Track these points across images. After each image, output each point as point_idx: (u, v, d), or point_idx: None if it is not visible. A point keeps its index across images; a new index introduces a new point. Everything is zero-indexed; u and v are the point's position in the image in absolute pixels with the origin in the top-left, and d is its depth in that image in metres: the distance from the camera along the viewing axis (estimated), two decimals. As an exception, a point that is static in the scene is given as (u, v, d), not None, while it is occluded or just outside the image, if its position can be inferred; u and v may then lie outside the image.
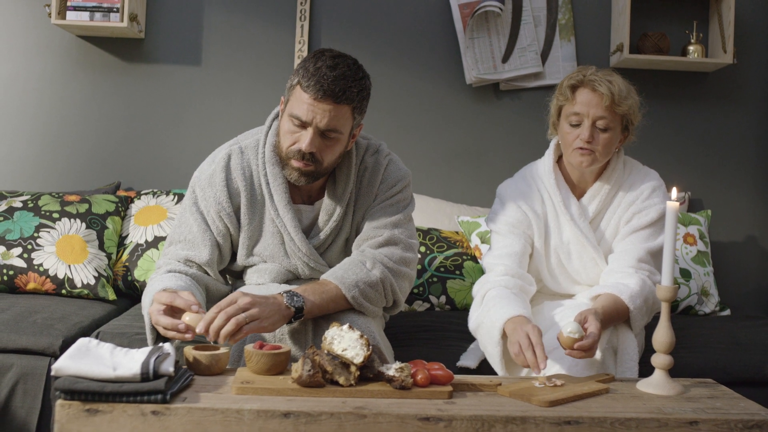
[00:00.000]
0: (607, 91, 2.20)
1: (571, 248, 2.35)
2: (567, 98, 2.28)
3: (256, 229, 2.19)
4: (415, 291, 3.03)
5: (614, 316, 2.12)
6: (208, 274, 2.16)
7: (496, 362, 2.13)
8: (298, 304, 1.92)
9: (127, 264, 3.05)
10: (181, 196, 3.21)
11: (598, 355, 2.03)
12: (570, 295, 2.40)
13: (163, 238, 3.06)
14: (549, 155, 2.39)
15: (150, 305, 1.92)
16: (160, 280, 2.03)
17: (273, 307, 1.87)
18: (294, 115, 2.02)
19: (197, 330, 1.80)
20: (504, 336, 2.08)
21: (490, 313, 2.15)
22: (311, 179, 2.10)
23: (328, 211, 2.19)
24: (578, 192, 2.39)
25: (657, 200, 2.31)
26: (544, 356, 1.90)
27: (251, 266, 2.23)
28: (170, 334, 1.84)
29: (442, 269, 3.06)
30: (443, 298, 3.04)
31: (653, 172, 2.39)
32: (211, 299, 2.14)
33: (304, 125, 2.02)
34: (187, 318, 1.83)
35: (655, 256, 2.27)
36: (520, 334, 1.97)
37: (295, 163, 2.06)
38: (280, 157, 2.11)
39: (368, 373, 1.71)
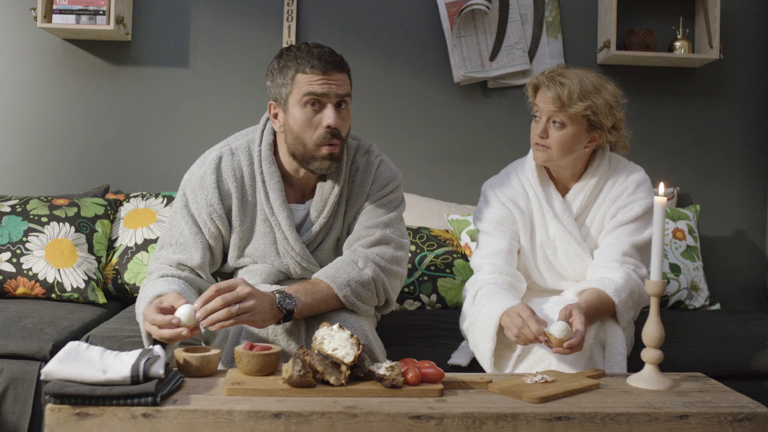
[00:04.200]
0: (554, 93, 2.22)
1: (557, 244, 2.36)
2: (530, 96, 2.36)
3: (248, 230, 2.19)
4: (406, 290, 3.03)
5: (599, 311, 2.12)
6: (201, 277, 2.16)
7: (486, 358, 2.13)
8: (289, 306, 1.92)
9: (117, 267, 3.04)
10: (170, 199, 3.21)
11: (585, 346, 2.05)
12: (557, 291, 2.41)
13: (153, 241, 3.05)
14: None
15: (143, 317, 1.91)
16: (153, 286, 2.03)
17: (267, 304, 1.88)
18: (312, 93, 2.05)
19: (195, 306, 1.81)
20: (500, 330, 2.09)
21: (484, 309, 2.15)
22: (336, 161, 2.13)
23: (317, 208, 2.19)
24: (562, 188, 2.40)
25: (642, 195, 2.32)
26: (540, 328, 1.94)
27: (242, 267, 2.23)
28: (166, 333, 1.82)
29: (432, 268, 3.07)
30: (434, 297, 3.04)
31: (639, 167, 2.39)
32: None
33: (321, 105, 2.07)
34: (180, 312, 1.81)
35: (640, 250, 2.28)
36: (513, 318, 2.01)
37: (325, 150, 2.10)
38: (304, 156, 2.12)
39: (359, 372, 1.71)
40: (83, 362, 1.60)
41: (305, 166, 2.14)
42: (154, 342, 1.92)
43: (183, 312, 1.80)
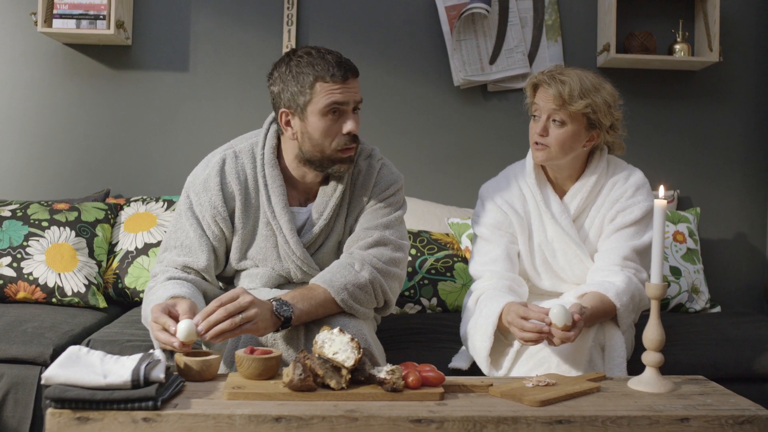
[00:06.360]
0: (555, 91, 2.23)
1: (556, 246, 2.37)
2: (529, 96, 2.36)
3: (250, 232, 2.20)
4: (407, 293, 3.03)
5: (601, 314, 2.13)
6: (206, 280, 2.16)
7: (482, 357, 2.14)
8: (286, 314, 1.92)
9: (117, 271, 3.04)
10: (170, 203, 3.21)
11: (584, 349, 2.06)
12: (557, 294, 2.40)
13: (154, 245, 3.05)
14: (531, 154, 2.41)
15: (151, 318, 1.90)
16: (164, 287, 2.03)
17: (267, 312, 1.89)
18: (335, 103, 2.06)
19: (196, 320, 1.80)
20: (500, 329, 2.10)
21: (483, 311, 2.16)
22: (351, 163, 2.16)
23: (319, 209, 2.20)
24: (560, 190, 2.40)
25: (641, 198, 2.32)
26: (542, 312, 1.96)
27: (243, 270, 2.24)
28: (162, 337, 1.80)
29: (432, 271, 3.07)
30: (434, 300, 3.04)
31: (637, 170, 2.40)
32: None
33: (341, 112, 2.08)
34: (180, 325, 1.80)
35: (640, 254, 2.29)
36: (513, 317, 2.02)
37: (343, 154, 2.12)
38: (322, 161, 2.13)
39: (359, 376, 1.71)
40: (84, 366, 1.60)
41: (321, 170, 2.16)
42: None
43: (183, 326, 1.79)
